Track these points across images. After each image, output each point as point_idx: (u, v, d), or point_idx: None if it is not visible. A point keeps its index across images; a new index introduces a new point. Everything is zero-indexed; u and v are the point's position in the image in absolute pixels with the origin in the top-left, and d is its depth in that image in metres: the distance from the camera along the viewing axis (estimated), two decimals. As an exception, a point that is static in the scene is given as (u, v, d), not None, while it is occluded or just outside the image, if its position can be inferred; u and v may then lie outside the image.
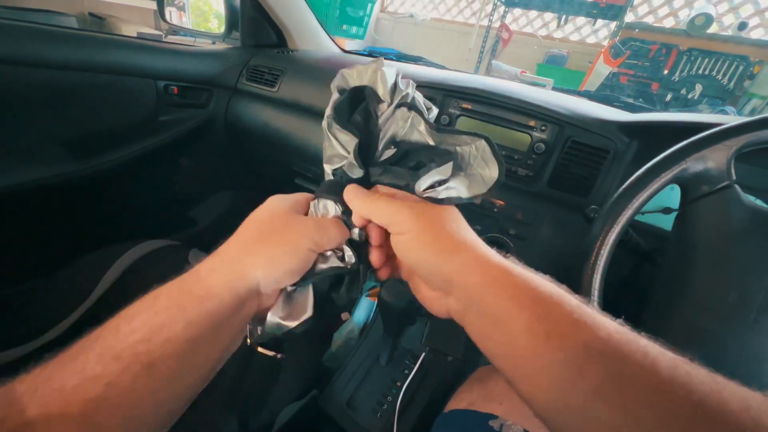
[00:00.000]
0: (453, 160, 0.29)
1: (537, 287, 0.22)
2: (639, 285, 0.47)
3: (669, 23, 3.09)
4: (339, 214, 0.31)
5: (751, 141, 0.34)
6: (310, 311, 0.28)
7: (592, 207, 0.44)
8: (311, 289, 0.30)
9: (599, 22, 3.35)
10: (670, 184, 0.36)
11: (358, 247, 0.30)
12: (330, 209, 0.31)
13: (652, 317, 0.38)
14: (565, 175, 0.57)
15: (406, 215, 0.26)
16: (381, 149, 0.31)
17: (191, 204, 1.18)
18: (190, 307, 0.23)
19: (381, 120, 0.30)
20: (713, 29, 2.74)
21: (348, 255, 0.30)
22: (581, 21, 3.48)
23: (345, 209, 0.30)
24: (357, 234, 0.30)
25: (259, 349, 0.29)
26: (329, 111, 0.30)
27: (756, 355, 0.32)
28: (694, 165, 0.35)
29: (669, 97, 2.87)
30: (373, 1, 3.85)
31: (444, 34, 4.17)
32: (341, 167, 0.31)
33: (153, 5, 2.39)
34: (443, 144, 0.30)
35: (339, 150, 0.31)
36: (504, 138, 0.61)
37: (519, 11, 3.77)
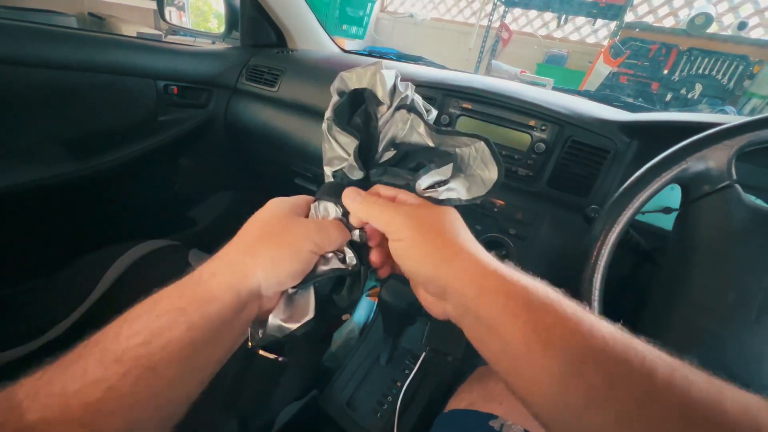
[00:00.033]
0: (453, 161, 0.29)
1: (531, 294, 0.22)
2: (639, 285, 0.47)
3: (669, 23, 3.09)
4: (339, 215, 0.31)
5: (752, 140, 0.34)
6: (311, 313, 0.28)
7: (592, 207, 0.44)
8: (312, 291, 0.30)
9: (599, 21, 3.35)
10: (670, 183, 0.36)
11: (358, 249, 0.30)
12: (330, 211, 0.31)
13: (651, 317, 0.38)
14: (565, 175, 0.57)
15: (402, 222, 0.26)
16: (381, 151, 0.31)
17: (191, 204, 1.18)
18: (191, 310, 0.23)
19: (381, 122, 0.30)
20: (713, 29, 2.74)
21: (349, 257, 0.30)
22: (581, 21, 3.48)
23: (345, 211, 0.30)
24: (357, 236, 0.30)
25: (261, 352, 0.29)
26: (329, 113, 0.30)
27: (756, 355, 0.32)
28: (694, 165, 0.35)
29: (669, 97, 2.87)
30: (373, 1, 3.85)
31: (444, 33, 4.17)
32: (341, 169, 0.31)
33: (153, 5, 2.39)
34: (443, 145, 0.30)
35: (339, 152, 0.31)
36: (504, 138, 0.61)
37: (519, 11, 3.76)
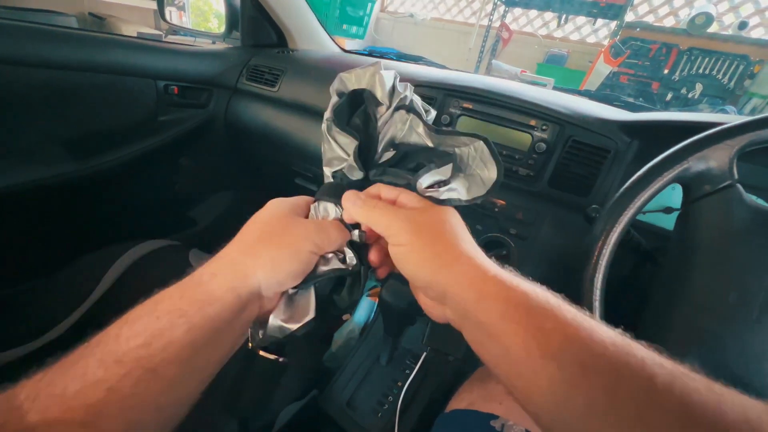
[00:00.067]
0: (452, 161, 0.29)
1: (531, 299, 0.22)
2: (640, 285, 0.47)
3: (669, 22, 3.09)
4: (339, 216, 0.31)
5: (754, 140, 0.34)
6: (312, 314, 0.28)
7: (593, 207, 0.44)
8: (313, 292, 0.30)
9: (599, 21, 3.35)
10: (671, 183, 0.36)
11: (358, 249, 0.30)
12: (330, 211, 0.31)
13: (652, 317, 0.38)
14: (566, 175, 0.56)
15: (401, 227, 0.26)
16: (380, 151, 0.31)
17: (191, 204, 1.18)
18: (191, 311, 0.23)
19: (380, 123, 0.30)
20: (713, 28, 2.74)
21: (349, 257, 0.30)
22: (581, 20, 3.48)
23: None
24: (357, 236, 0.30)
25: (261, 353, 0.29)
26: (329, 114, 0.30)
27: (756, 355, 0.32)
28: (696, 164, 0.35)
29: (669, 97, 2.87)
30: (373, 1, 3.84)
31: (444, 33, 4.16)
32: (341, 170, 0.31)
33: (153, 5, 2.39)
34: (442, 146, 0.30)
35: (339, 152, 0.31)
36: (505, 138, 0.61)
37: (519, 11, 3.76)
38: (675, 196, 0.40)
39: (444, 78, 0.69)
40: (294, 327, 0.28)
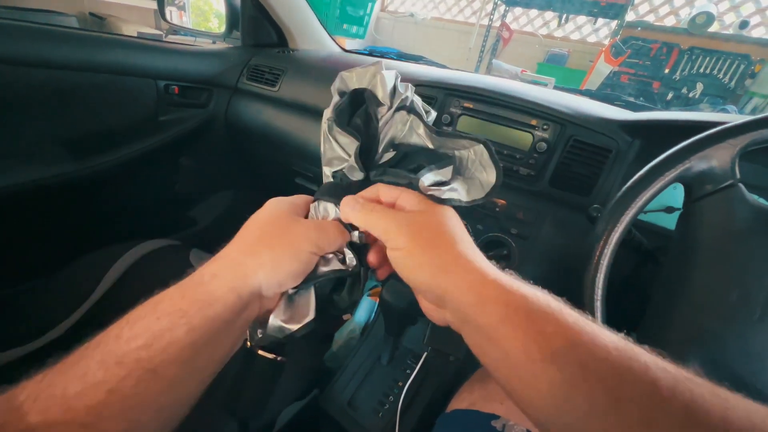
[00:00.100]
0: (452, 164, 0.29)
1: (532, 303, 0.22)
2: (641, 284, 0.47)
3: (670, 22, 3.09)
4: (339, 216, 0.30)
5: (756, 139, 0.34)
6: (312, 314, 0.28)
7: (594, 206, 0.44)
8: (313, 292, 0.29)
9: (600, 20, 3.35)
10: (673, 183, 0.36)
11: (358, 250, 0.30)
12: (330, 211, 0.31)
13: (654, 316, 0.38)
14: (567, 175, 0.56)
15: (399, 231, 0.26)
16: (381, 152, 0.31)
17: (191, 204, 1.18)
18: (192, 312, 0.23)
19: (381, 123, 0.30)
20: (714, 28, 2.74)
21: (349, 257, 0.30)
22: (582, 20, 3.48)
23: None
24: (357, 236, 0.30)
25: (261, 353, 0.29)
26: (329, 113, 0.30)
27: (758, 354, 0.31)
28: (698, 164, 0.35)
29: (670, 96, 2.87)
30: (374, 1, 3.84)
31: (444, 33, 4.16)
32: (341, 170, 0.31)
33: (153, 5, 2.39)
34: (442, 147, 0.30)
35: (339, 152, 0.30)
36: (506, 137, 0.60)
37: (519, 10, 3.76)
38: (676, 195, 0.40)
39: (444, 77, 0.69)
40: (294, 328, 0.28)
